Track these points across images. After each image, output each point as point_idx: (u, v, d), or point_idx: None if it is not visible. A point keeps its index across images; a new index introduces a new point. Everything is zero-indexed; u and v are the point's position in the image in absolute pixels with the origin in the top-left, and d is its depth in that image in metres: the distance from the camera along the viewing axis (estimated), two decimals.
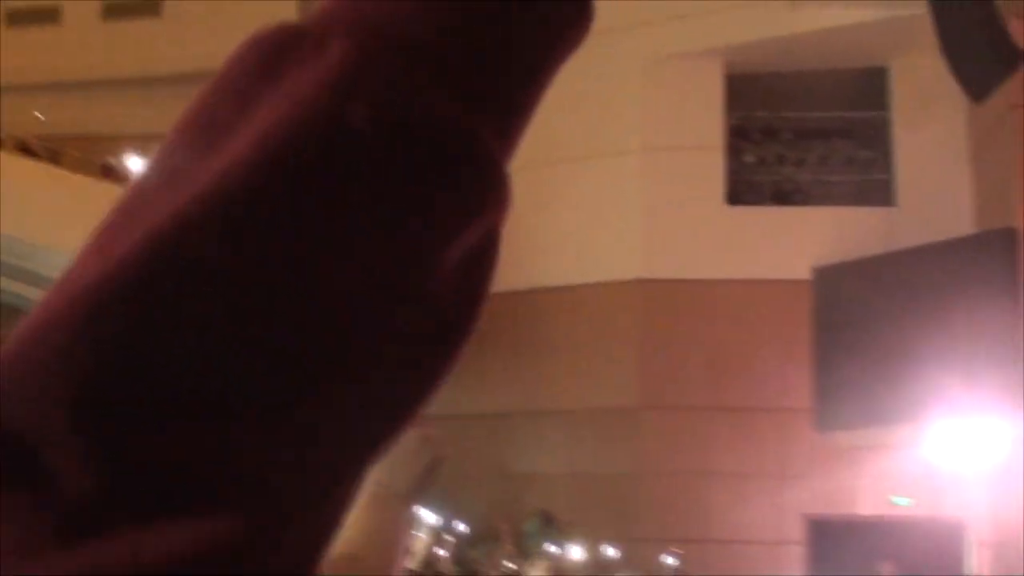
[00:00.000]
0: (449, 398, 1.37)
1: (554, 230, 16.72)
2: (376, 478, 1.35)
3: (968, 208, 15.79)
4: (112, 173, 16.81)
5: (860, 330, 15.40)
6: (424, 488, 1.51)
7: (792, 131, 17.64)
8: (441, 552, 11.92)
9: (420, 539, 10.47)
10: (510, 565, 12.14)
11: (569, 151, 16.64)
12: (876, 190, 16.82)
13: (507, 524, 14.16)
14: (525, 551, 13.77)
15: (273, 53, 0.56)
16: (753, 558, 15.44)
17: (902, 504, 15.64)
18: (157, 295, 0.51)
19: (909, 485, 15.54)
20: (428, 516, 10.98)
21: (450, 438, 1.89)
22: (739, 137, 17.56)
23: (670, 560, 14.38)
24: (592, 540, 14.22)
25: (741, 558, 15.33)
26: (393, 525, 1.35)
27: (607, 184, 16.93)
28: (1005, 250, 14.67)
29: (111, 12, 20.14)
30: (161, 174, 0.55)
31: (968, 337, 14.63)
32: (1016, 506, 14.60)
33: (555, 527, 14.49)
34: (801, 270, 15.96)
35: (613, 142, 17.02)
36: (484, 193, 0.59)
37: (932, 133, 16.15)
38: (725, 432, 16.07)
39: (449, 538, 12.21)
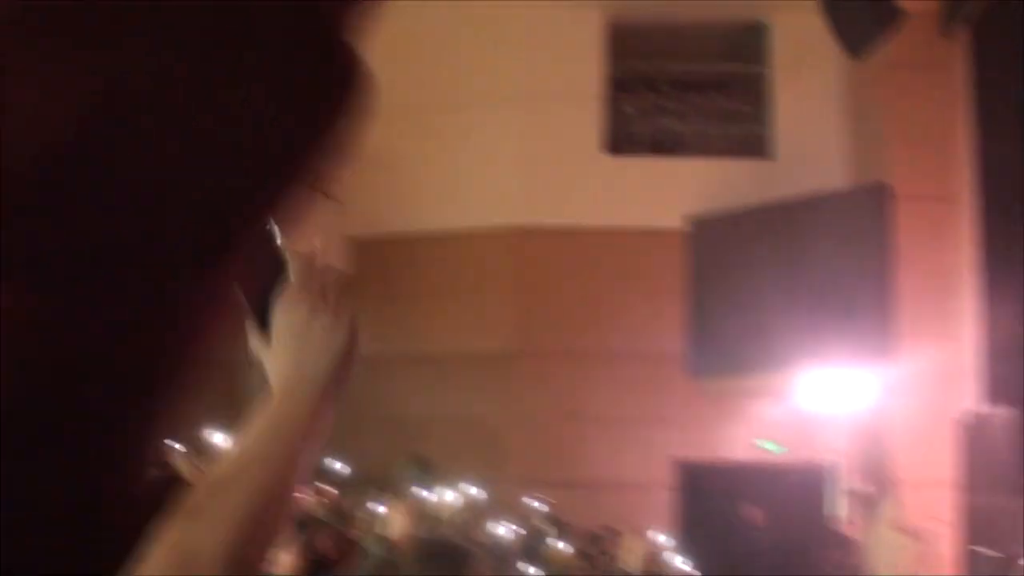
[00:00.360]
0: None
1: (433, 176, 16.59)
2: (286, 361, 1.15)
3: (843, 163, 16.13)
4: None
5: (734, 279, 15.65)
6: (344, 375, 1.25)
7: (672, 83, 17.76)
8: (316, 495, 11.73)
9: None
10: (380, 508, 11.98)
11: (448, 99, 16.52)
12: (753, 143, 17.06)
13: (381, 467, 14.06)
14: (397, 494, 13.67)
15: None
16: (624, 501, 15.63)
17: (771, 450, 15.99)
18: None
19: (779, 432, 15.90)
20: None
21: None
22: (619, 88, 17.62)
23: (541, 504, 14.44)
24: (465, 483, 14.20)
25: (612, 501, 15.50)
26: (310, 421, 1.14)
27: (487, 132, 16.84)
28: (877, 204, 15.03)
29: None
30: None
31: (839, 288, 14.98)
32: (882, 452, 15.07)
33: (429, 470, 14.42)
34: (678, 220, 16.13)
35: (493, 91, 16.91)
36: None
37: (809, 88, 16.42)
38: (598, 377, 16.21)
39: (323, 485, 12.02)
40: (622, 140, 17.38)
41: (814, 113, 16.37)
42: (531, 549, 12.98)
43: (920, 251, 14.90)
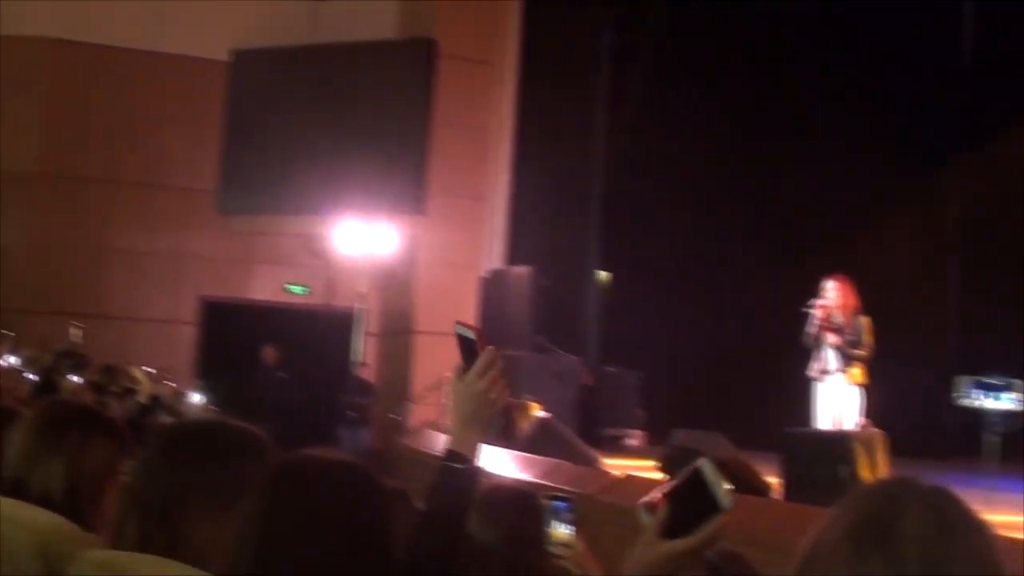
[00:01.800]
0: None
1: None
2: None
3: (393, 14, 16.15)
4: None
5: (274, 119, 15.38)
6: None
7: None
8: None
9: None
10: None
11: None
12: None
13: None
14: None
15: None
16: (147, 335, 15.21)
17: (298, 293, 16.11)
18: None
19: (307, 275, 16.02)
20: None
21: None
22: None
23: (70, 333, 13.71)
24: None
25: (135, 335, 15.03)
26: None
27: None
28: (421, 59, 15.25)
29: None
30: None
31: (378, 139, 15.15)
32: (405, 303, 15.64)
33: None
34: (220, 51, 15.55)
35: None
36: None
37: None
38: (125, 207, 15.51)
39: None
40: None
41: None
42: (45, 383, 12.36)
43: (459, 111, 15.37)
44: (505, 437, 10.45)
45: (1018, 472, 10.54)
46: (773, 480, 8.51)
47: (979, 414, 6.82)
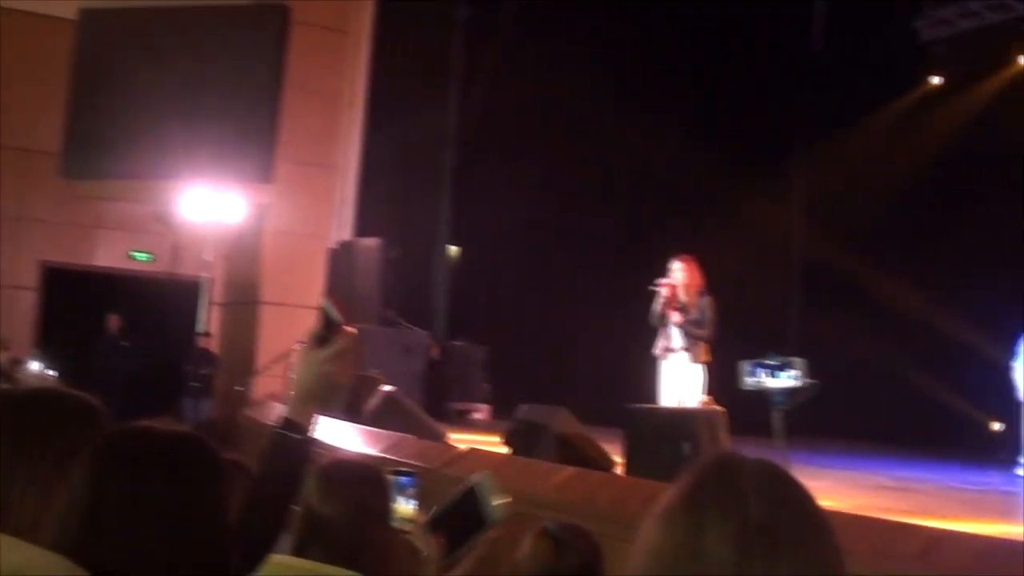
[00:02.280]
0: None
1: None
2: None
3: None
4: None
5: (121, 81, 14.88)
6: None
7: None
8: None
9: None
10: None
11: None
12: None
13: None
14: None
15: None
16: None
17: (141, 259, 15.69)
18: None
19: (153, 243, 15.62)
20: None
21: None
22: None
23: None
24: None
25: None
26: None
27: None
28: (275, 24, 14.93)
29: None
30: None
31: (227, 105, 14.80)
32: (251, 273, 15.37)
33: None
34: (69, 9, 15.00)
35: None
36: None
37: None
38: None
39: None
40: None
41: None
42: None
43: (311, 79, 15.13)
44: (351, 411, 10.37)
45: (802, 446, 10.98)
46: (616, 456, 8.62)
47: (764, 394, 7.07)
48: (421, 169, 16.80)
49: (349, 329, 2.10)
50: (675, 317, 10.30)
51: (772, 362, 7.06)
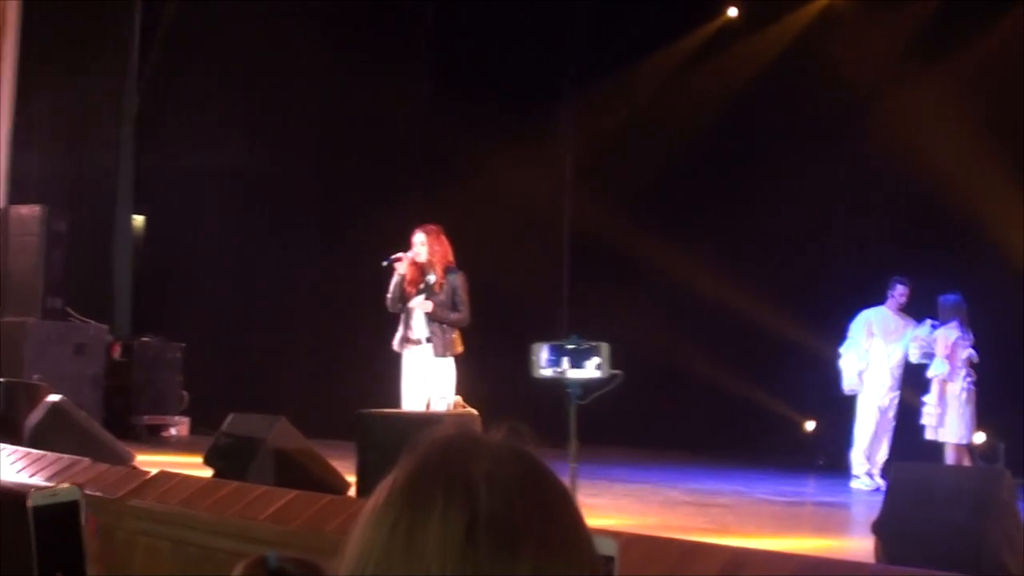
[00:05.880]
0: None
1: None
2: None
3: None
4: None
5: None
6: None
7: None
8: None
9: None
10: None
11: None
12: None
13: None
14: None
15: None
16: None
17: None
18: None
19: None
20: None
21: None
22: None
23: None
24: None
25: None
26: None
27: None
28: None
29: None
30: None
31: None
32: None
33: None
34: None
35: None
36: None
37: None
38: None
39: None
40: None
41: None
42: None
43: None
44: (5, 427, 9.96)
45: (597, 454, 11.20)
46: (349, 475, 8.58)
47: (561, 384, 7.11)
48: (95, 126, 16.31)
49: None
50: (419, 300, 10.30)
51: (573, 346, 7.07)
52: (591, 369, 6.99)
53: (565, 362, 7.00)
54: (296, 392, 15.91)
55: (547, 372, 7.06)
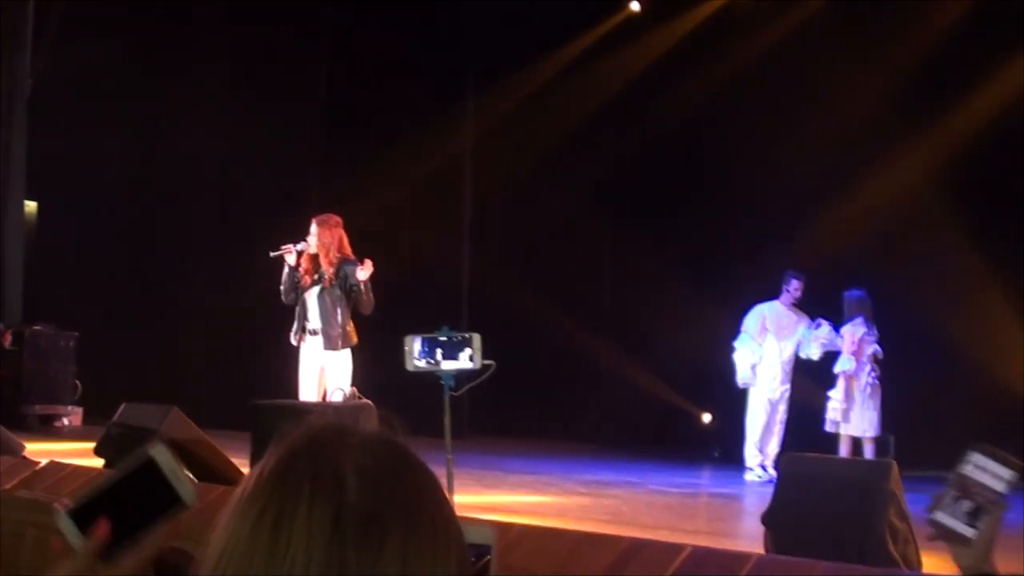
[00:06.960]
0: None
1: None
2: None
3: None
4: None
5: None
6: None
7: None
8: None
9: None
10: None
11: None
12: None
13: None
14: None
15: None
16: None
17: None
18: None
19: None
20: None
21: None
22: None
23: None
24: None
25: None
26: None
27: None
28: None
29: None
30: None
31: None
32: None
33: None
34: None
35: None
36: None
37: None
38: None
39: None
40: None
41: None
42: None
43: None
44: None
45: (492, 446, 11.24)
46: (244, 466, 8.53)
47: (435, 376, 7.15)
48: None
49: None
50: (313, 290, 10.26)
51: (445, 338, 7.11)
52: (464, 360, 7.05)
53: (439, 354, 7.05)
54: (192, 382, 15.76)
55: (421, 364, 7.09)
